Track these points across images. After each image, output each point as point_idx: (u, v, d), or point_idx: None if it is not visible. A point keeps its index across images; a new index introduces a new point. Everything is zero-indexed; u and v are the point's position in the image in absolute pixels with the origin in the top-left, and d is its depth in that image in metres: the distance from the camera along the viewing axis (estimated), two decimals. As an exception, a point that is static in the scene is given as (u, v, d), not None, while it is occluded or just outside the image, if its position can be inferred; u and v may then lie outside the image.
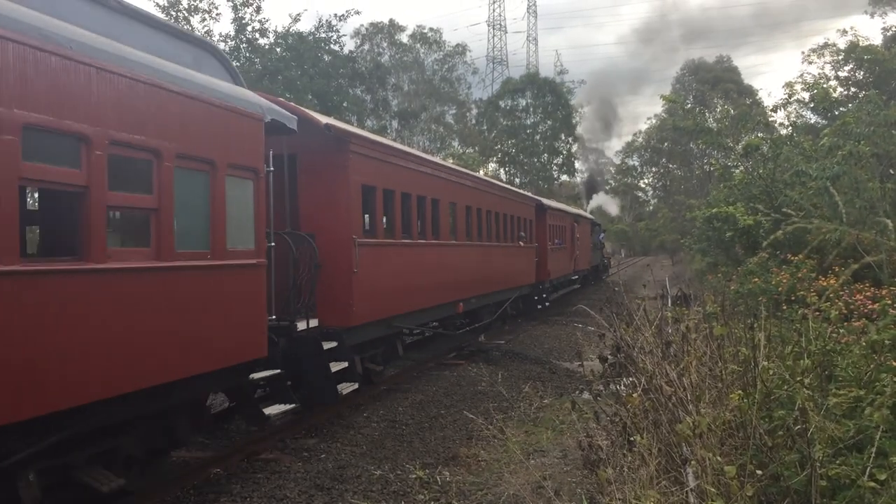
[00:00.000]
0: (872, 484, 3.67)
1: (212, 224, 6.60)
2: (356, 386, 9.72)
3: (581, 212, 35.87)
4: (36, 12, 4.99)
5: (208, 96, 6.58)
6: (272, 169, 8.01)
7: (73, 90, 5.09)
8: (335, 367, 9.14)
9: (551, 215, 24.24)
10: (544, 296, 23.12)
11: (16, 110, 4.64)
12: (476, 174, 20.26)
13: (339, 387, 9.18)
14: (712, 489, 3.77)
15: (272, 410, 7.85)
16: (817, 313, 6.64)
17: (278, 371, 7.97)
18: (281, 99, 9.56)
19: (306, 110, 9.72)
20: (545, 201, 24.66)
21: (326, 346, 9.02)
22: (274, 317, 8.06)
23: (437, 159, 17.70)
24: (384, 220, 11.03)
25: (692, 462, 4.02)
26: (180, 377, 6.16)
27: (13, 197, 4.65)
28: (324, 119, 9.69)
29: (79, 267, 5.14)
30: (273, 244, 7.89)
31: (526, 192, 24.99)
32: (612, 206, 79.36)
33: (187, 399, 6.74)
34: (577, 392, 10.91)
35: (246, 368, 7.31)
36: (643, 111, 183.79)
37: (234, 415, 9.27)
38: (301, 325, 8.65)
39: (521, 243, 20.60)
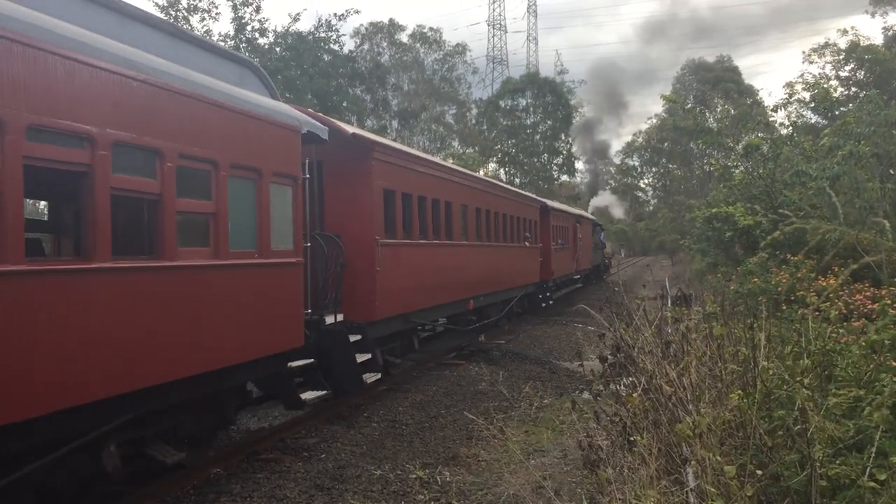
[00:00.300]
0: (872, 484, 3.66)
1: (258, 226, 7.41)
2: (379, 376, 10.49)
3: (583, 212, 36.72)
4: (120, 44, 5.79)
5: (255, 111, 7.39)
6: (308, 176, 8.75)
7: (152, 111, 5.90)
8: (359, 358, 9.76)
9: (554, 216, 24.90)
10: (548, 294, 23.79)
11: (108, 130, 5.41)
12: (485, 178, 21.15)
13: (364, 376, 9.86)
14: (712, 489, 3.77)
15: (308, 396, 8.60)
16: (817, 313, 6.64)
17: (311, 360, 8.69)
18: (310, 110, 10.23)
19: (334, 121, 10.31)
20: (549, 203, 25.30)
21: (352, 338, 9.66)
22: (309, 310, 8.78)
23: (450, 164, 18.44)
24: (403, 221, 11.62)
25: (692, 462, 4.02)
26: (233, 363, 6.95)
27: (106, 204, 5.40)
28: (350, 129, 10.42)
29: (156, 264, 5.97)
30: (309, 244, 8.70)
31: (531, 194, 25.78)
32: (617, 209, 79.23)
33: (236, 383, 7.60)
34: (578, 392, 10.91)
35: (285, 357, 8.08)
36: (648, 110, 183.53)
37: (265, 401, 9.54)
38: (329, 319, 9.36)
39: (527, 243, 21.10)
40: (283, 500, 6.76)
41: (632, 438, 4.81)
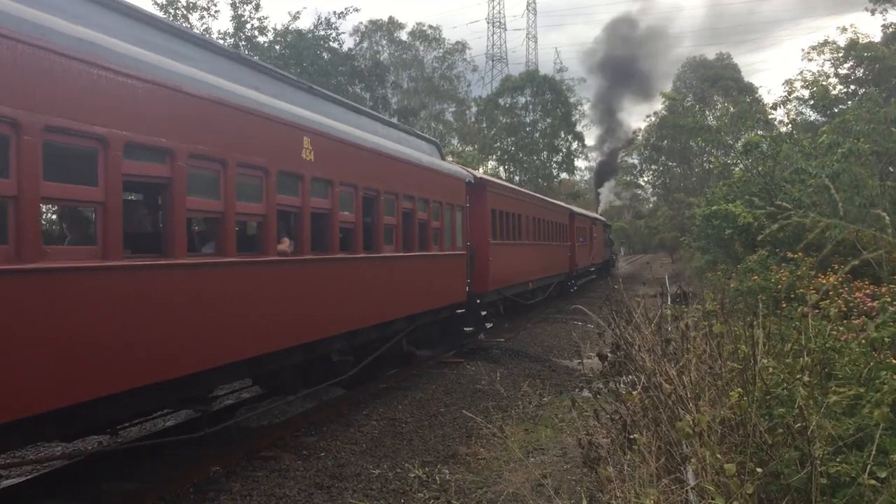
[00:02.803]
0: (873, 482, 3.65)
1: (451, 234, 13.69)
2: (492, 324, 17.28)
3: (596, 215, 43.98)
4: (409, 149, 11.98)
5: (449, 173, 14.16)
6: (468, 206, 15.00)
7: (423, 181, 12.19)
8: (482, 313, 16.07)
9: (578, 219, 31.33)
10: (573, 281, 30.86)
11: (412, 191, 11.62)
12: (536, 194, 28.15)
13: (486, 324, 16.46)
14: (712, 487, 3.76)
15: (467, 329, 15.34)
16: (817, 311, 6.63)
17: (463, 311, 14.85)
18: (464, 167, 17.04)
19: (471, 170, 16.99)
20: (575, 209, 32.53)
21: (477, 300, 15.59)
22: (469, 280, 14.96)
23: (520, 188, 26.77)
24: (500, 229, 17.66)
25: (692, 460, 4.01)
26: (442, 305, 13.33)
27: (415, 225, 11.90)
28: (478, 174, 17.54)
29: (426, 253, 12.39)
30: (469, 244, 15.17)
31: (561, 203, 32.84)
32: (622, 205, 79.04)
33: (437, 319, 13.65)
34: (577, 390, 10.90)
35: (456, 307, 14.41)
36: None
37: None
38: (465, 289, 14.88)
39: (561, 231, 26.84)
40: (282, 499, 6.75)
41: (632, 436, 4.79)
